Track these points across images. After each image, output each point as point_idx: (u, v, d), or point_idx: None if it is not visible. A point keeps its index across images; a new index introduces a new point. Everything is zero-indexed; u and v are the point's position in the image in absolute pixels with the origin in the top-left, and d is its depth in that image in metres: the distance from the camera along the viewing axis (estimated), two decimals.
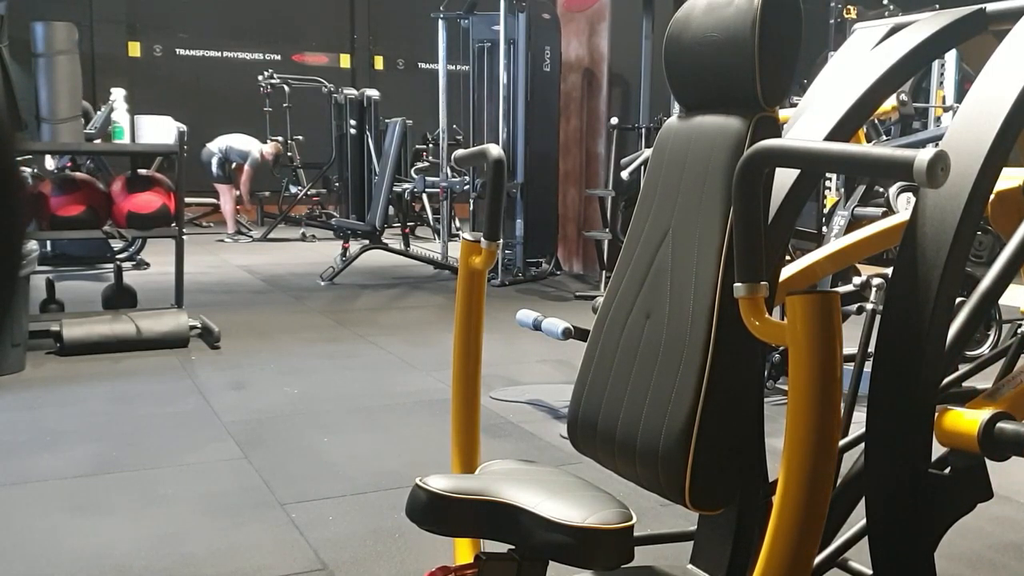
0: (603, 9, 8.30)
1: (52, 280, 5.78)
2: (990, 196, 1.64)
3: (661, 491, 1.53)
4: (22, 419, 3.93)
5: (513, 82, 8.03)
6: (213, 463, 3.43)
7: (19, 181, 0.77)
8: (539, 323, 3.90)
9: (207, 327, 5.34)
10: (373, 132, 9.77)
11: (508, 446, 3.62)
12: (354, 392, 4.42)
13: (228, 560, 2.61)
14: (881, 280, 2.39)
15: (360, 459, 3.47)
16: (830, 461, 1.29)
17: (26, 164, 7.10)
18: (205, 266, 8.62)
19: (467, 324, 1.84)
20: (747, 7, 1.48)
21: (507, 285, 7.65)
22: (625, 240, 1.71)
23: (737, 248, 1.30)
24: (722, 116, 1.54)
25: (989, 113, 1.54)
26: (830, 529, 1.76)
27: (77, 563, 2.58)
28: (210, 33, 14.82)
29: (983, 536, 2.79)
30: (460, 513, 1.44)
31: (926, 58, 1.80)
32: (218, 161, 10.96)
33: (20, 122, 5.93)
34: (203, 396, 4.28)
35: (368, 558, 2.63)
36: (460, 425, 1.86)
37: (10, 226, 0.74)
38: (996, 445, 1.43)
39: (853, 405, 2.18)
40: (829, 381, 1.25)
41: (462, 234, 1.88)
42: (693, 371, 1.47)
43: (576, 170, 8.63)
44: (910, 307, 1.49)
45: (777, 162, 1.37)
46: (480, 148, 1.82)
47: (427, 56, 14.17)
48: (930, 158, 1.11)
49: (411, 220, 10.68)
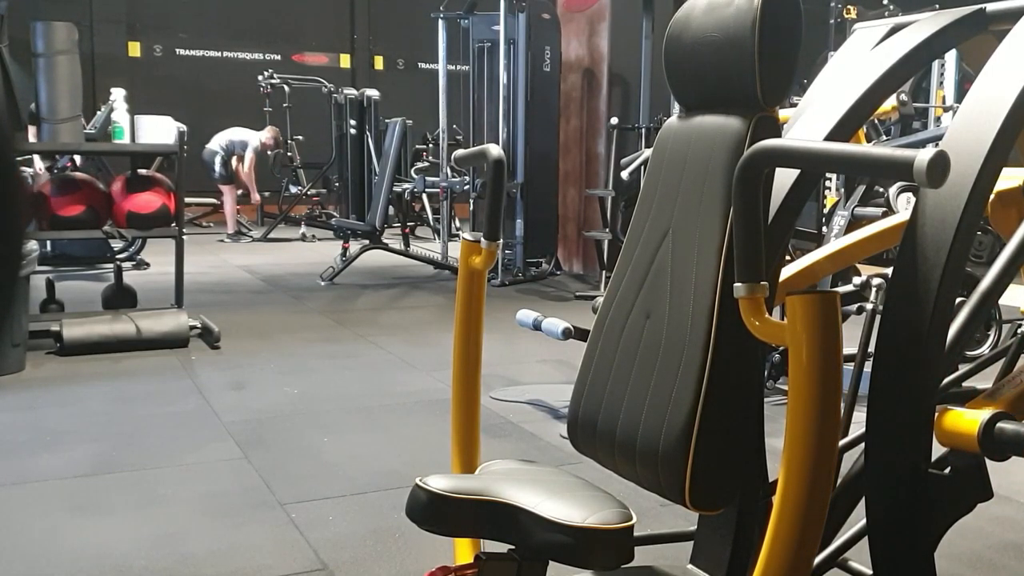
0: (603, 9, 8.30)
1: (52, 280, 5.78)
2: (990, 196, 1.64)
3: (661, 491, 1.53)
4: (22, 419, 3.93)
5: (513, 82, 8.03)
6: (213, 463, 3.43)
7: (19, 181, 0.77)
8: (539, 323, 3.90)
9: (207, 327, 5.34)
10: (373, 132, 9.77)
11: (508, 446, 3.62)
12: (354, 392, 4.42)
13: (228, 560, 2.61)
14: (881, 280, 2.39)
15: (360, 459, 3.47)
16: (830, 461, 1.29)
17: (26, 164, 7.10)
18: (205, 266, 8.62)
19: (467, 324, 1.84)
20: (747, 7, 1.48)
21: (507, 285, 7.65)
22: (625, 240, 1.71)
23: (737, 248, 1.30)
24: (722, 116, 1.54)
25: (989, 113, 1.54)
26: (830, 529, 1.76)
27: (77, 563, 2.58)
28: (210, 33, 14.82)
29: (983, 536, 2.79)
30: (460, 513, 1.44)
31: (926, 58, 1.80)
32: (221, 160, 10.92)
33: (20, 122, 5.93)
34: (203, 396, 4.28)
35: (368, 558, 2.63)
36: (460, 425, 1.86)
37: (10, 226, 0.74)
38: (996, 445, 1.43)
39: (853, 405, 2.18)
40: (829, 381, 1.25)
41: (462, 234, 1.88)
42: (693, 371, 1.47)
43: (576, 170, 8.63)
44: (910, 307, 1.49)
45: (777, 162, 1.37)
46: (480, 148, 1.82)
47: (427, 56, 14.18)
48: (930, 158, 1.11)
49: (411, 220, 10.68)
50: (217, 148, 10.98)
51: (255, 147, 11.03)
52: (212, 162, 10.93)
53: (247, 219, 12.04)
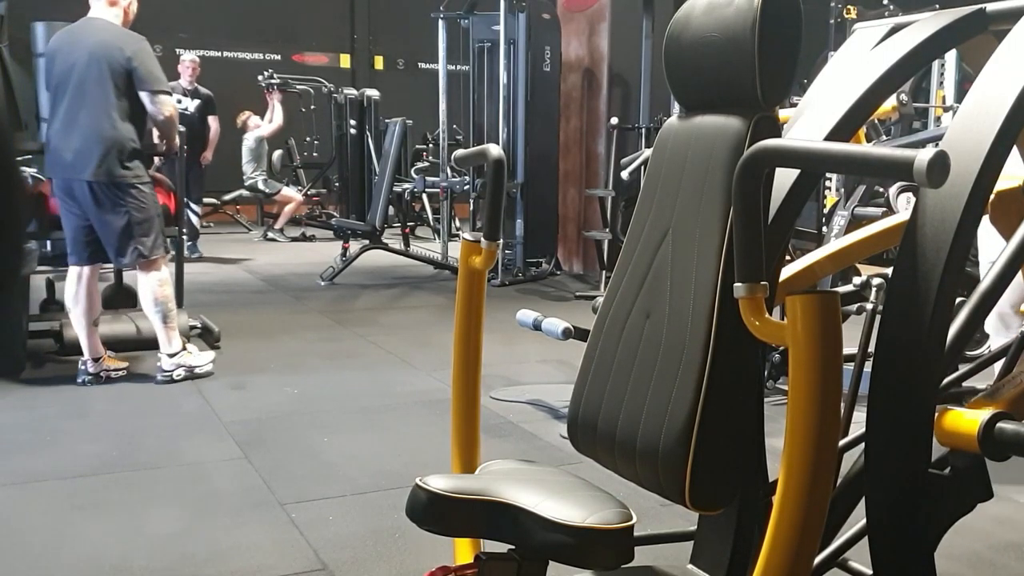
0: (603, 9, 8.30)
1: (52, 280, 5.77)
2: (990, 196, 1.64)
3: (661, 491, 1.53)
4: (22, 419, 3.93)
5: (513, 82, 8.03)
6: (213, 463, 3.43)
7: (19, 181, 0.77)
8: (539, 323, 3.90)
9: (207, 327, 5.34)
10: (373, 132, 9.77)
11: (508, 446, 3.62)
12: (354, 392, 4.42)
13: (228, 560, 2.61)
14: (881, 280, 2.38)
15: (360, 459, 3.47)
16: (830, 461, 1.29)
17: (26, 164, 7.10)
18: (205, 266, 8.62)
19: (467, 324, 1.84)
20: (747, 7, 1.48)
21: (507, 285, 7.65)
22: (625, 240, 1.71)
23: (737, 248, 1.30)
24: (722, 116, 1.54)
25: (989, 113, 1.54)
26: (830, 529, 1.76)
27: (77, 563, 2.58)
28: (210, 33, 14.81)
29: (983, 536, 2.79)
30: (460, 513, 1.44)
31: (926, 58, 1.80)
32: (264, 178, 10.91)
33: (20, 122, 5.93)
34: (203, 396, 4.28)
35: (368, 558, 2.63)
36: (460, 425, 1.86)
37: (10, 226, 0.75)
38: (996, 445, 1.43)
39: (853, 405, 2.18)
40: (829, 381, 1.25)
41: (462, 234, 1.88)
42: (693, 371, 1.47)
43: (576, 170, 8.63)
44: (910, 307, 1.49)
45: (777, 162, 1.37)
46: (480, 148, 1.82)
47: (427, 56, 14.16)
48: (930, 158, 1.11)
49: (411, 220, 10.67)
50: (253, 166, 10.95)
51: (258, 138, 10.93)
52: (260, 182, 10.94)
53: (246, 219, 12.04)
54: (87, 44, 4.31)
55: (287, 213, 11.14)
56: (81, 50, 4.30)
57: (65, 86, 4.29)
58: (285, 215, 11.15)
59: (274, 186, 11.03)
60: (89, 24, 4.43)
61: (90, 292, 4.43)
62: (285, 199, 11.08)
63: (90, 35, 4.36)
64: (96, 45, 4.30)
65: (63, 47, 4.37)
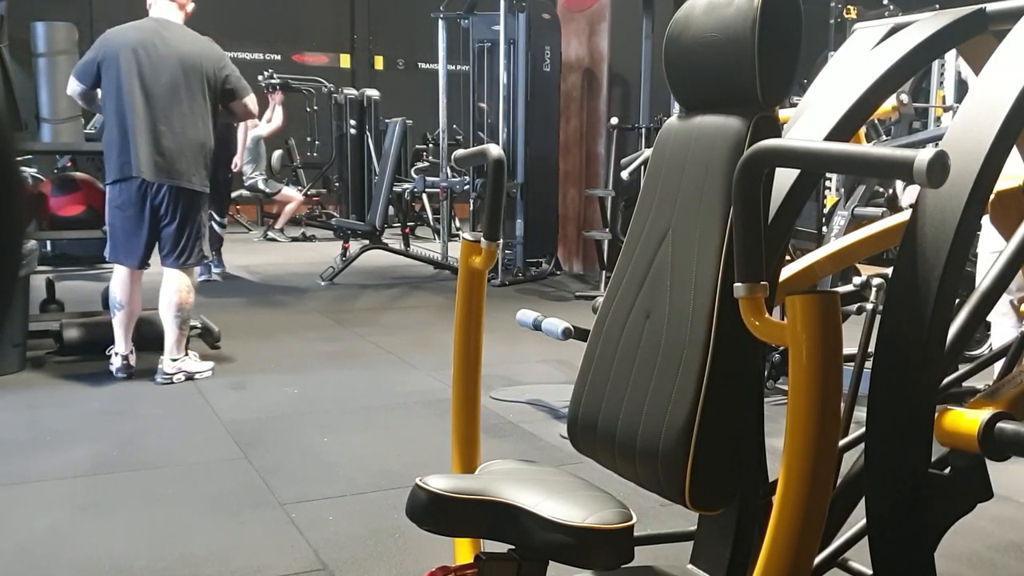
0: (603, 9, 8.30)
1: (52, 280, 5.77)
2: (990, 196, 1.64)
3: (661, 491, 1.53)
4: (22, 419, 3.93)
5: (513, 82, 8.03)
6: (213, 463, 3.43)
7: (19, 181, 0.77)
8: (539, 323, 3.90)
9: (207, 327, 5.34)
10: (373, 132, 9.76)
11: (508, 446, 3.62)
12: (354, 392, 4.42)
13: (228, 560, 2.61)
14: (881, 280, 2.38)
15: (360, 459, 3.47)
16: (830, 461, 1.29)
17: (26, 164, 7.10)
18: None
19: (467, 324, 1.84)
20: (747, 7, 1.48)
21: (507, 285, 7.65)
22: (625, 240, 1.71)
23: (737, 248, 1.30)
24: (722, 116, 1.54)
25: (989, 113, 1.54)
26: (830, 529, 1.76)
27: (77, 563, 2.58)
28: (210, 33, 14.78)
29: (983, 536, 2.79)
30: (460, 513, 1.44)
31: (926, 58, 1.80)
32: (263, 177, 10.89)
33: (20, 122, 5.93)
34: (203, 396, 4.28)
35: (368, 558, 2.63)
36: (460, 425, 1.86)
37: (10, 226, 0.74)
38: (996, 445, 1.43)
39: (853, 405, 2.18)
40: (829, 381, 1.25)
41: (462, 234, 1.88)
42: (693, 371, 1.47)
43: (576, 170, 8.63)
44: (910, 307, 1.49)
45: (777, 162, 1.37)
46: (480, 148, 1.82)
47: (427, 56, 14.16)
48: (930, 158, 1.11)
49: (411, 220, 10.68)
50: (253, 167, 10.95)
51: (256, 137, 10.90)
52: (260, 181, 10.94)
53: (246, 219, 12.03)
54: (175, 50, 4.34)
55: (287, 213, 11.15)
56: (168, 55, 4.32)
57: (146, 88, 4.28)
58: (285, 215, 11.16)
59: (274, 186, 11.03)
60: (164, 27, 4.42)
61: (137, 293, 4.51)
62: (285, 199, 11.08)
63: (173, 40, 4.37)
64: (188, 55, 4.36)
65: (136, 46, 4.30)
